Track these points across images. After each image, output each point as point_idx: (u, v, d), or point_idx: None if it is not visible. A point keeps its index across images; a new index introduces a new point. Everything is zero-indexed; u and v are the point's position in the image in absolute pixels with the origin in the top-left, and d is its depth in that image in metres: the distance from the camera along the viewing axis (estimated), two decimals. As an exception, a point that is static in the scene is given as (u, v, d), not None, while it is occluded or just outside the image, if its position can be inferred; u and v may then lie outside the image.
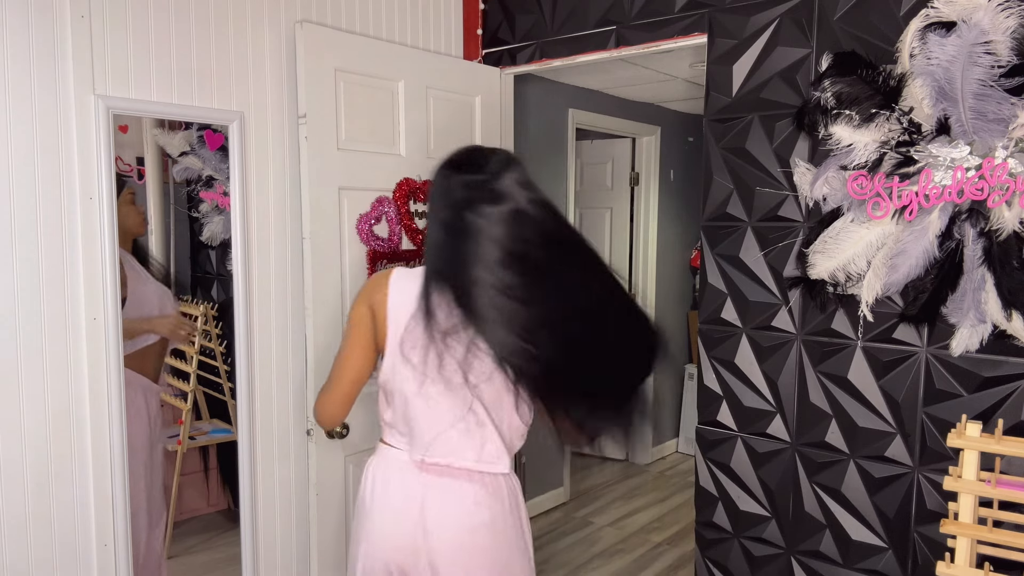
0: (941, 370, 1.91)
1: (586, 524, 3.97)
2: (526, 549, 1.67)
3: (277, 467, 2.21)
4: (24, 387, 1.74)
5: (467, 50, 2.77)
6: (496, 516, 1.60)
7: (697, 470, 2.36)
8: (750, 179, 2.16)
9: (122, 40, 1.84)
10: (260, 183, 2.14)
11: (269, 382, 2.19)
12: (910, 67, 1.79)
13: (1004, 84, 1.67)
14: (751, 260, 2.19)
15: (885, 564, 2.03)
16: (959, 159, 1.75)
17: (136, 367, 2.26)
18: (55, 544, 1.80)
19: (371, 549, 1.61)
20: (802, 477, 2.14)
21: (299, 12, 2.20)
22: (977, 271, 1.77)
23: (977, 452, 1.58)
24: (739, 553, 2.29)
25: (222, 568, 2.38)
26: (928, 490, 1.95)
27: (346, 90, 2.22)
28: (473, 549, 1.58)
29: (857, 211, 1.91)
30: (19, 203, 1.70)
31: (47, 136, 1.73)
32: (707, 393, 2.31)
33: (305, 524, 2.27)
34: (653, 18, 2.36)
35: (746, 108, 2.16)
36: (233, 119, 2.06)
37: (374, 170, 2.30)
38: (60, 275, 1.77)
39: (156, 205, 2.40)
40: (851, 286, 1.97)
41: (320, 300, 2.19)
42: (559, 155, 4.15)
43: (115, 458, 1.87)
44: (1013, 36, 1.65)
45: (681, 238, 5.07)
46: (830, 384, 2.07)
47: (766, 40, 2.11)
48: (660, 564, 3.50)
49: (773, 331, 2.16)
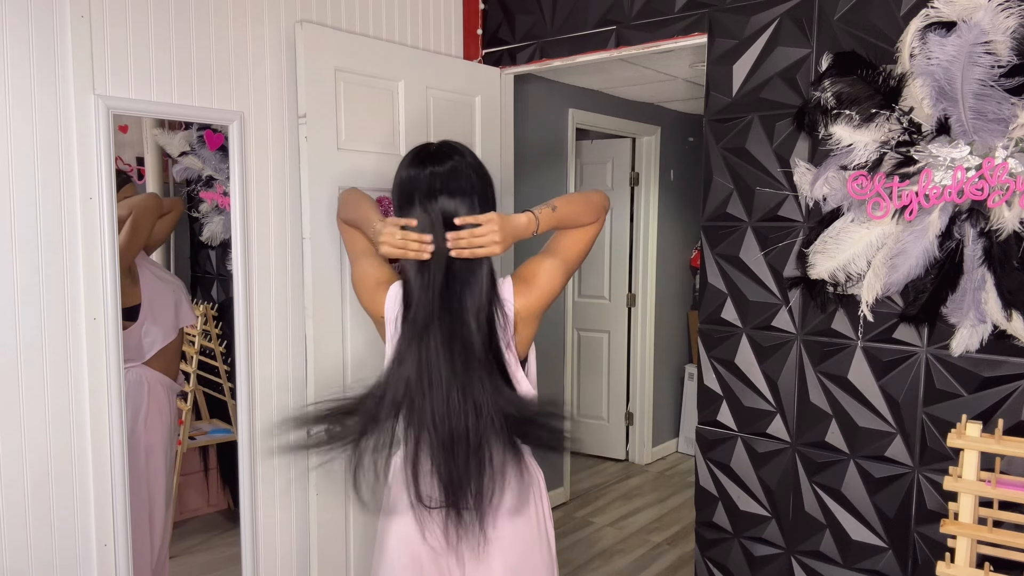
0: (941, 370, 1.91)
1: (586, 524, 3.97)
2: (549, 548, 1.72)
3: (277, 467, 2.21)
4: (24, 387, 1.74)
5: (467, 50, 2.77)
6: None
7: (697, 470, 2.36)
8: (750, 179, 2.16)
9: (122, 40, 1.84)
10: (260, 183, 2.14)
11: (269, 382, 2.19)
12: (910, 67, 1.79)
13: (1004, 84, 1.67)
14: (751, 260, 2.19)
15: (885, 564, 2.03)
16: (959, 159, 1.75)
17: (160, 367, 2.29)
18: (55, 544, 1.80)
19: (401, 538, 1.65)
20: (802, 477, 2.14)
21: (299, 12, 2.20)
22: (977, 271, 1.77)
23: (977, 452, 1.58)
24: (739, 553, 2.29)
25: (222, 568, 2.38)
26: (928, 490, 1.95)
27: (346, 90, 2.22)
28: (497, 540, 1.61)
29: (857, 211, 1.91)
30: (19, 203, 1.70)
31: (47, 136, 1.73)
32: (707, 393, 2.31)
33: (305, 524, 2.27)
34: (653, 18, 2.36)
35: (746, 108, 2.16)
36: (233, 119, 2.06)
37: (374, 170, 2.30)
38: (60, 275, 1.77)
39: (156, 205, 2.40)
40: (851, 286, 1.97)
41: (320, 300, 2.19)
42: (559, 155, 4.15)
43: (115, 458, 1.87)
44: (1013, 36, 1.65)
45: (681, 238, 5.07)
46: (830, 384, 2.07)
47: (766, 40, 2.11)
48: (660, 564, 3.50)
49: (773, 331, 2.16)
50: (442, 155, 1.57)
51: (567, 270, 1.65)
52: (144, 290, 2.24)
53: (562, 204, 1.63)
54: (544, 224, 1.61)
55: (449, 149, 1.59)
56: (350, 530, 2.30)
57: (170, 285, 2.37)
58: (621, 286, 4.90)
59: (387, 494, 1.72)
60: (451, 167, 1.55)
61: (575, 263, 1.67)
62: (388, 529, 1.67)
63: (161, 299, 2.30)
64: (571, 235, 1.66)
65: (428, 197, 1.53)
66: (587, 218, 1.65)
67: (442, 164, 1.55)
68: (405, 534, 1.63)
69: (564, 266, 1.64)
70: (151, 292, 2.26)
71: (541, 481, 1.71)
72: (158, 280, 2.32)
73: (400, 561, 1.63)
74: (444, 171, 1.54)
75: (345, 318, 2.26)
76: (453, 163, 1.56)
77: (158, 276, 2.33)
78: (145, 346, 2.25)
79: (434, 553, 1.61)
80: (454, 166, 1.55)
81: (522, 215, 1.60)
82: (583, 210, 1.65)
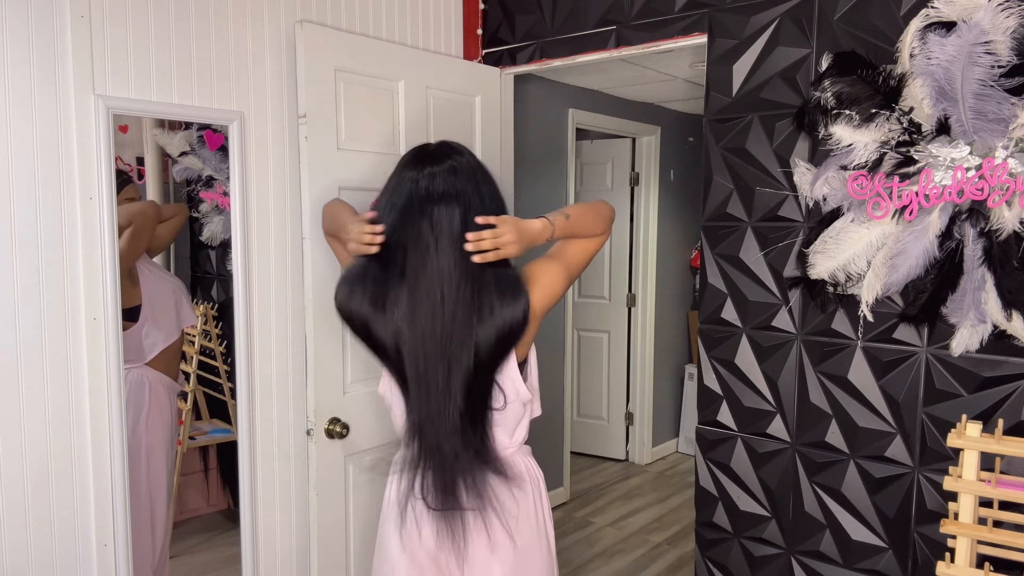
0: (941, 370, 1.91)
1: (586, 524, 3.97)
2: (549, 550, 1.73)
3: (277, 467, 2.21)
4: (24, 387, 1.74)
5: (467, 50, 2.77)
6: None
7: (697, 470, 2.36)
8: (750, 179, 2.16)
9: (122, 40, 1.84)
10: (260, 183, 2.14)
11: (269, 382, 2.19)
12: (910, 67, 1.79)
13: (1004, 84, 1.67)
14: (751, 260, 2.19)
15: (885, 564, 2.03)
16: (959, 159, 1.75)
17: (161, 368, 2.29)
18: (55, 544, 1.80)
19: (400, 546, 1.65)
20: (802, 477, 2.14)
21: (299, 12, 2.20)
22: (977, 271, 1.77)
23: (977, 452, 1.58)
24: (739, 553, 2.29)
25: (222, 568, 2.38)
26: (928, 490, 1.95)
27: (346, 90, 2.22)
28: (497, 541, 1.61)
29: (857, 211, 1.91)
30: (19, 203, 1.70)
31: (47, 136, 1.73)
32: (707, 393, 2.31)
33: (305, 524, 2.27)
34: (653, 18, 2.36)
35: (746, 108, 2.16)
36: (233, 119, 2.06)
37: (374, 170, 2.30)
38: (60, 275, 1.77)
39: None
40: (851, 286, 1.97)
41: (320, 300, 2.19)
42: (559, 155, 4.16)
43: (115, 458, 1.87)
44: (1013, 36, 1.65)
45: (681, 238, 5.07)
46: (830, 384, 2.07)
47: (766, 40, 2.11)
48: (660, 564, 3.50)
49: (773, 331, 2.16)
50: (440, 155, 1.55)
51: (569, 277, 1.65)
52: (145, 291, 2.24)
53: (575, 213, 1.64)
54: (559, 231, 1.61)
55: (448, 149, 1.58)
56: (350, 530, 2.30)
57: (170, 286, 2.37)
58: (621, 286, 4.90)
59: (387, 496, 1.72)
60: (449, 167, 1.53)
61: (577, 271, 1.67)
62: (388, 531, 1.67)
63: (162, 300, 2.30)
64: (578, 244, 1.66)
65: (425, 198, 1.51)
66: (597, 229, 1.66)
67: (440, 164, 1.53)
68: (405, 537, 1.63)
69: (567, 272, 1.64)
70: (152, 293, 2.26)
71: (541, 481, 1.71)
72: (158, 281, 2.32)
73: (400, 563, 1.63)
74: (442, 171, 1.52)
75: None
76: (451, 163, 1.54)
77: (158, 277, 2.33)
78: (146, 347, 2.25)
79: (434, 555, 1.61)
80: (452, 166, 1.53)
81: (537, 220, 1.59)
82: (593, 221, 1.65)
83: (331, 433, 2.20)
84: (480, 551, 1.59)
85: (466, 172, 1.54)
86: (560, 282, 1.62)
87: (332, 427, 2.20)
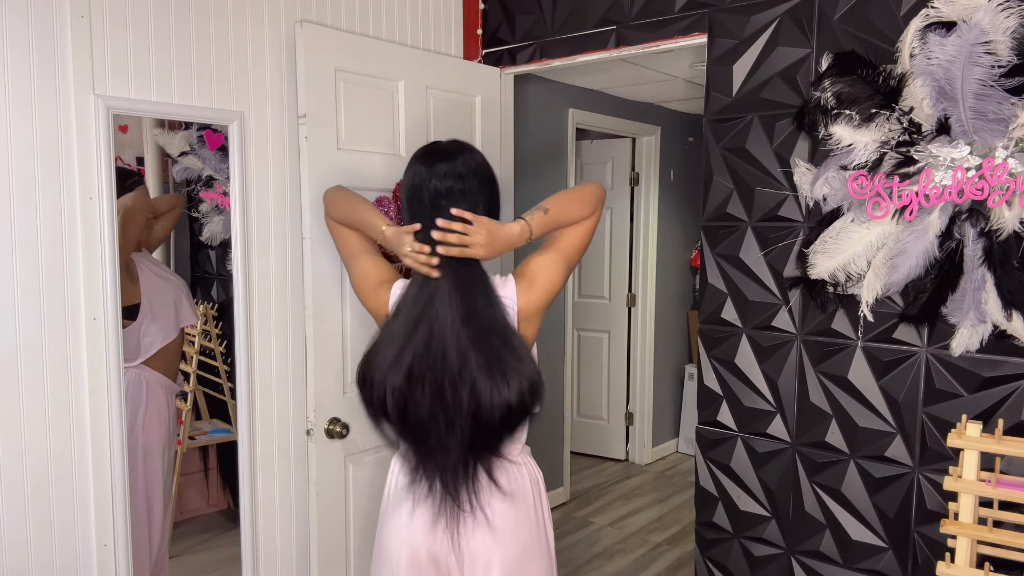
0: (941, 370, 1.91)
1: (586, 524, 3.97)
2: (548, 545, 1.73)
3: (277, 467, 2.21)
4: (24, 387, 1.73)
5: (467, 50, 2.77)
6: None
7: (697, 470, 2.36)
8: (750, 179, 2.16)
9: (122, 40, 1.84)
10: (260, 183, 2.14)
11: (269, 382, 2.19)
12: (910, 67, 1.79)
13: (1004, 84, 1.67)
14: (751, 260, 2.19)
15: (885, 564, 2.03)
16: (959, 159, 1.75)
17: (160, 367, 2.28)
18: (55, 545, 1.80)
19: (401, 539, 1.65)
20: (802, 477, 2.14)
21: (299, 12, 2.20)
22: (977, 271, 1.77)
23: (977, 452, 1.58)
24: (739, 553, 2.29)
25: (222, 568, 2.38)
26: (928, 490, 1.95)
27: (346, 90, 2.22)
28: (496, 540, 1.61)
29: (857, 211, 1.91)
30: (19, 203, 1.70)
31: (47, 136, 1.73)
32: (707, 393, 2.31)
33: (305, 524, 2.27)
34: (653, 18, 2.36)
35: (746, 108, 2.16)
36: (233, 119, 2.06)
37: (374, 170, 2.30)
38: (60, 275, 1.77)
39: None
40: (851, 286, 1.97)
41: (320, 300, 2.19)
42: (559, 155, 4.16)
43: (115, 458, 1.87)
44: (1013, 36, 1.65)
45: (681, 238, 5.07)
46: (830, 384, 2.07)
47: (766, 40, 2.11)
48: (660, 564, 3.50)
49: (773, 331, 2.16)
50: (452, 153, 1.58)
51: (568, 265, 1.65)
52: (144, 289, 2.24)
53: (554, 205, 1.63)
54: (538, 230, 1.61)
55: (459, 147, 1.60)
56: (350, 530, 2.30)
57: (170, 284, 2.37)
58: (621, 286, 4.90)
59: (386, 494, 1.72)
60: (461, 163, 1.56)
61: (575, 258, 1.67)
62: (387, 529, 1.67)
63: (161, 298, 2.30)
64: (570, 231, 1.65)
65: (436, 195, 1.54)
66: (582, 213, 1.65)
67: (451, 162, 1.56)
68: (405, 535, 1.63)
69: (565, 261, 1.64)
70: (151, 291, 2.26)
71: (541, 481, 1.72)
72: (158, 279, 2.31)
73: (399, 562, 1.63)
74: (453, 169, 1.55)
75: (345, 318, 2.26)
76: (463, 159, 1.57)
77: (158, 275, 2.33)
78: (144, 345, 2.25)
79: (434, 553, 1.61)
80: (464, 163, 1.56)
81: (515, 224, 1.59)
82: (576, 207, 1.64)
83: (331, 433, 2.20)
84: (480, 550, 1.59)
85: (477, 171, 1.59)
86: (559, 274, 1.63)
87: (332, 427, 2.20)
